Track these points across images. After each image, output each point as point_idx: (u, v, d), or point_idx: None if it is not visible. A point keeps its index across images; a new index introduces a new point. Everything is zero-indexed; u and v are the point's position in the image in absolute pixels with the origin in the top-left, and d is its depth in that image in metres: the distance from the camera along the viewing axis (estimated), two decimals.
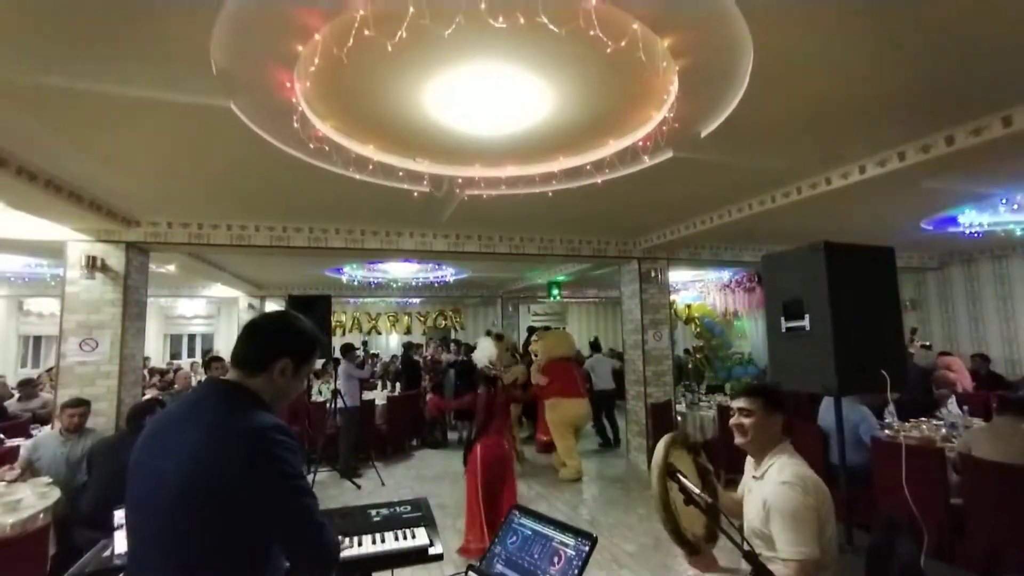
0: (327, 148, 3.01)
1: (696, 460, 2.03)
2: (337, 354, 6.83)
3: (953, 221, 5.66)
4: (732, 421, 1.90)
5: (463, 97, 2.59)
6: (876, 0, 1.86)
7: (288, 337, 1.31)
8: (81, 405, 3.73)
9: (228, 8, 1.82)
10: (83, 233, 4.55)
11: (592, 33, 1.89)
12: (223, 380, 1.26)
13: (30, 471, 3.49)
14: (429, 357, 8.50)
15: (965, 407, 4.64)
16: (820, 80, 2.45)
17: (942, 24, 2.01)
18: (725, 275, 10.15)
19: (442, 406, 4.21)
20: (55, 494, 3.09)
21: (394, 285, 10.57)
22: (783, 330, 2.56)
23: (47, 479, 3.31)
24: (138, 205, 4.44)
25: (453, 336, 14.18)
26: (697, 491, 1.73)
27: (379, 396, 7.93)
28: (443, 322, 14.89)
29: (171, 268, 7.37)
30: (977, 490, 3.16)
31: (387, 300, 13.70)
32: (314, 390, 7.55)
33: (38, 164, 3.35)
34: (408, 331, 14.84)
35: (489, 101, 2.64)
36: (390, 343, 15.18)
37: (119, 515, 1.80)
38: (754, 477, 1.86)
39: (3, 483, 3.24)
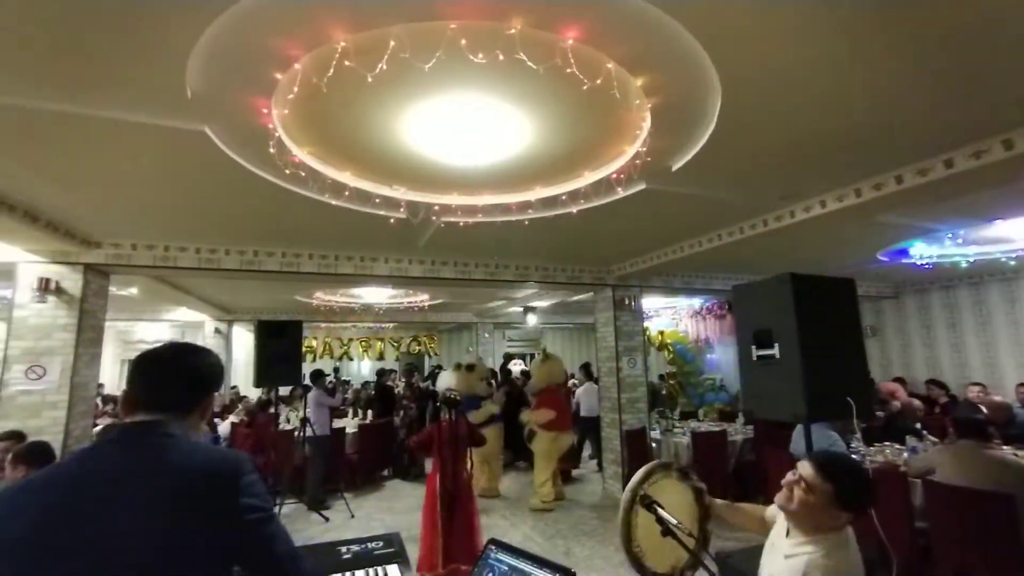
0: (303, 173, 3.00)
1: (687, 482, 2.00)
2: (307, 381, 6.64)
3: (905, 253, 5.98)
4: (787, 479, 1.58)
5: (442, 127, 2.63)
6: (830, 50, 2.00)
7: (217, 373, 1.24)
8: (7, 440, 3.26)
9: (207, 34, 1.82)
10: (36, 254, 4.34)
11: (568, 71, 1.96)
12: (147, 422, 1.10)
13: None
14: (400, 391, 8.31)
15: (925, 431, 4.81)
16: (783, 122, 2.60)
17: (893, 69, 2.16)
18: (696, 302, 10.39)
19: (418, 440, 4.12)
20: None
21: (367, 310, 10.42)
22: (754, 358, 2.62)
23: None
24: (99, 226, 4.29)
25: (433, 363, 13.98)
26: (670, 519, 1.73)
27: (350, 424, 7.70)
28: (417, 348, 14.68)
29: (133, 291, 7.09)
30: (943, 515, 3.24)
31: (359, 325, 13.46)
32: (282, 418, 7.28)
33: None
34: (381, 357, 14.57)
35: (467, 132, 2.69)
36: (362, 369, 14.85)
37: None
38: (779, 542, 1.61)
39: None
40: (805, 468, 1.55)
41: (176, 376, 1.17)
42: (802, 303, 2.37)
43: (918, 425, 5.08)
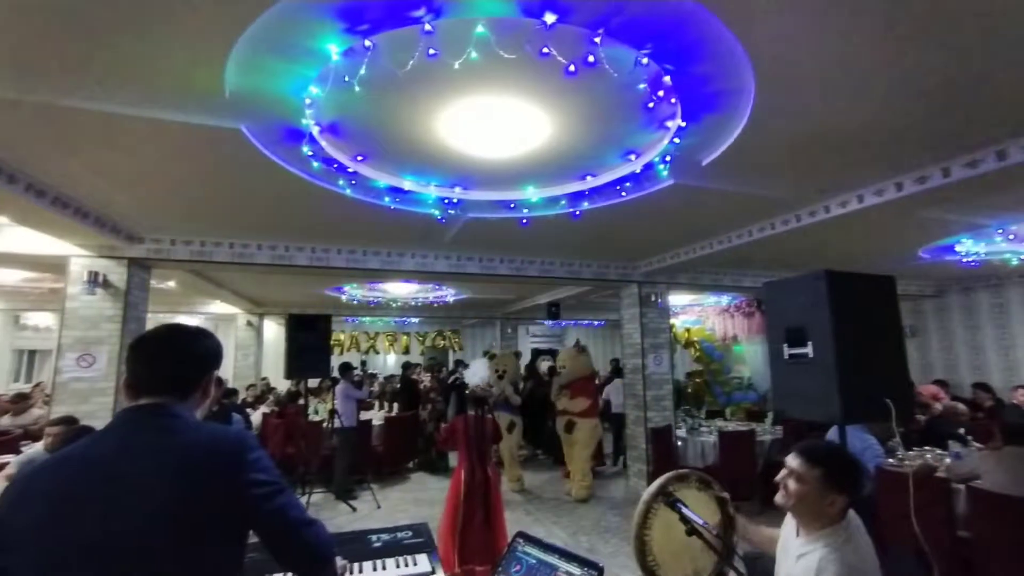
0: (334, 170, 3.06)
1: (709, 492, 1.97)
2: (335, 373, 6.78)
3: (950, 250, 5.72)
4: (779, 476, 1.62)
5: (471, 123, 2.64)
6: (875, 35, 1.92)
7: (214, 352, 1.25)
8: (60, 424, 3.48)
9: (245, 36, 1.87)
10: (86, 249, 4.56)
11: (599, 65, 1.95)
12: (151, 404, 1.11)
13: None
14: (426, 385, 8.39)
15: (969, 436, 4.61)
16: (820, 112, 2.52)
17: (939, 55, 2.07)
18: (724, 300, 10.19)
19: (444, 434, 4.09)
20: None
21: (393, 305, 10.56)
22: (786, 357, 2.56)
23: None
24: (142, 222, 4.47)
25: (455, 356, 14.11)
26: (696, 518, 1.70)
27: (376, 417, 7.84)
28: (441, 342, 14.81)
29: (171, 284, 7.36)
30: (988, 524, 3.11)
31: (385, 319, 13.66)
32: (310, 409, 7.47)
33: (47, 181, 3.38)
34: (406, 351, 14.76)
35: (496, 127, 2.70)
36: (388, 362, 15.08)
37: None
38: (793, 544, 1.61)
39: None
40: (792, 460, 1.59)
41: (173, 359, 1.17)
42: (838, 301, 2.30)
43: (961, 430, 4.87)
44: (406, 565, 1.79)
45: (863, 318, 2.35)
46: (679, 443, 6.32)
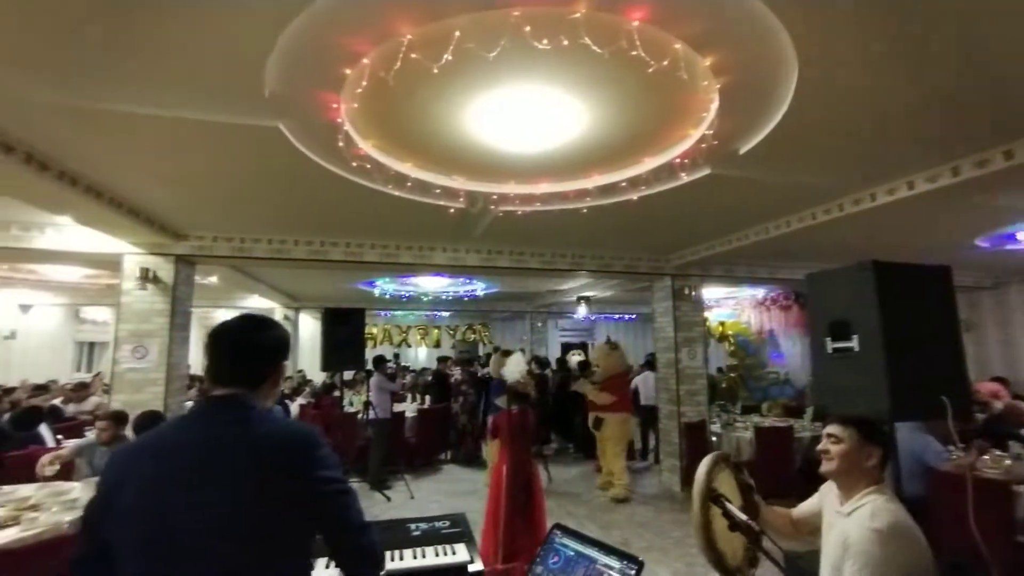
0: (368, 166, 3.10)
1: (738, 477, 1.97)
2: (369, 366, 6.93)
3: (1011, 238, 5.38)
4: (820, 446, 1.79)
5: (502, 116, 2.64)
6: (930, 9, 1.82)
7: (281, 343, 1.28)
8: (107, 419, 3.66)
9: (285, 35, 1.91)
10: (137, 246, 4.79)
11: (633, 53, 1.91)
12: (227, 396, 1.17)
13: (76, 471, 3.62)
14: (458, 379, 8.45)
15: None
16: (868, 93, 2.40)
17: (1005, 31, 1.94)
18: (760, 292, 9.90)
19: (490, 430, 4.11)
20: None
21: (424, 299, 10.70)
22: (829, 351, 2.47)
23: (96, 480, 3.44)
24: (186, 220, 4.66)
25: (482, 351, 14.21)
26: (744, 517, 1.68)
27: (409, 408, 7.98)
28: (472, 336, 14.94)
29: (213, 280, 7.66)
30: None
31: (417, 313, 13.87)
32: (345, 401, 7.66)
33: (103, 183, 3.57)
34: (437, 344, 14.95)
35: (528, 120, 2.69)
36: (419, 356, 15.32)
37: None
38: (838, 512, 1.71)
39: (60, 482, 3.40)
40: (829, 428, 1.78)
41: (244, 350, 1.22)
42: (886, 292, 2.20)
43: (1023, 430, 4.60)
44: (445, 554, 1.82)
45: (915, 310, 2.25)
46: (713, 438, 6.20)
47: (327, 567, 1.57)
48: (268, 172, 3.41)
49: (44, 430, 4.74)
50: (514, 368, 4.50)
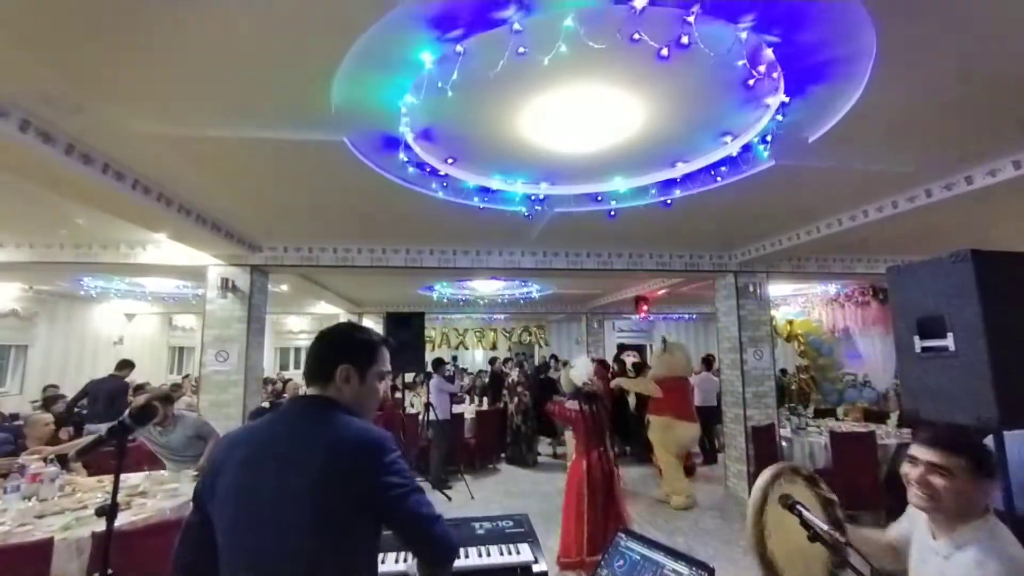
0: (427, 174, 3.20)
1: (815, 491, 1.85)
2: (429, 368, 7.12)
3: None
4: (916, 475, 1.43)
5: (559, 117, 2.64)
6: None
7: (341, 343, 1.35)
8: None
9: (350, 53, 2.02)
10: (219, 258, 5.21)
11: (694, 46, 1.86)
12: (312, 396, 1.29)
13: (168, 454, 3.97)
14: (513, 379, 8.52)
15: None
16: (963, 66, 2.17)
17: None
18: (832, 288, 9.26)
19: (559, 412, 4.17)
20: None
21: (480, 302, 10.86)
22: (917, 350, 2.28)
23: (194, 471, 3.73)
24: (260, 232, 5.00)
25: (539, 352, 14.22)
26: (825, 527, 1.57)
27: (468, 410, 8.12)
28: (527, 338, 15.00)
29: (284, 288, 8.16)
30: None
31: (473, 316, 14.10)
32: (406, 403, 7.91)
33: (191, 202, 3.93)
34: (494, 346, 15.13)
35: (584, 120, 2.67)
36: (476, 358, 15.56)
37: None
38: (931, 547, 1.46)
39: (160, 472, 3.75)
40: (927, 454, 1.41)
41: (327, 353, 1.32)
42: (988, 284, 1.99)
43: None
44: (509, 553, 1.84)
45: (1022, 304, 2.03)
46: (783, 443, 5.86)
47: (396, 562, 1.62)
48: (334, 184, 3.60)
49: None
50: (582, 371, 4.49)
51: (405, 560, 1.63)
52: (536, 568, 1.79)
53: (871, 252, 6.14)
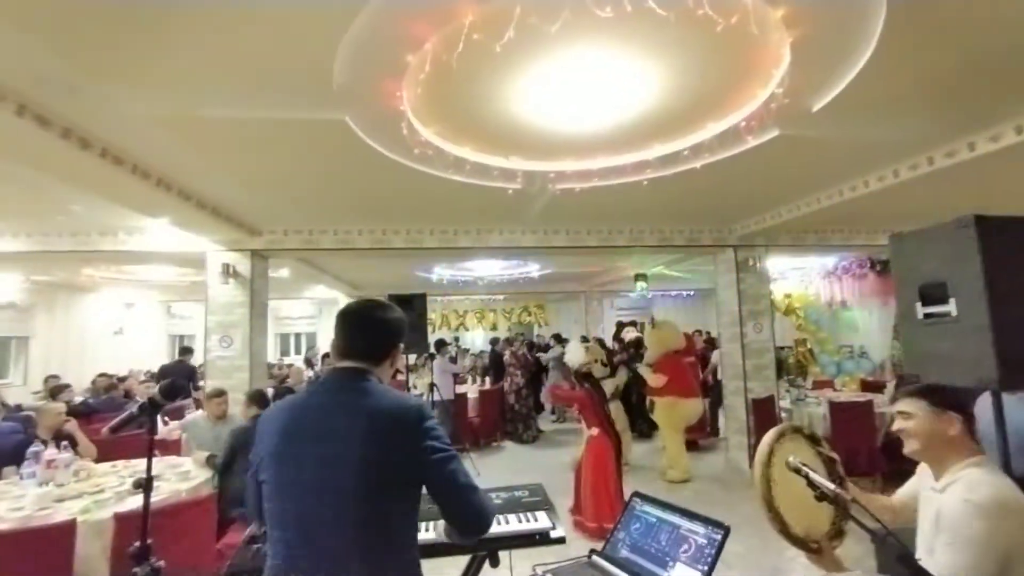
0: (429, 152, 3.18)
1: (817, 449, 1.89)
2: (432, 350, 7.17)
3: None
4: (894, 427, 1.68)
5: (562, 91, 2.62)
6: None
7: (397, 326, 1.42)
8: (223, 394, 4.26)
9: (353, 28, 1.98)
10: (219, 244, 5.18)
11: (701, 12, 1.84)
12: (352, 368, 1.32)
13: (184, 446, 4.06)
14: (519, 352, 8.60)
15: None
16: (974, 26, 2.16)
17: None
18: (829, 261, 9.32)
19: (563, 395, 4.64)
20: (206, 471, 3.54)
21: (480, 283, 10.87)
22: (919, 317, 2.32)
23: (206, 453, 3.79)
24: (260, 215, 4.97)
25: (537, 332, 14.30)
26: (831, 486, 1.62)
27: (471, 390, 8.21)
28: (527, 318, 15.07)
29: (284, 272, 8.14)
30: None
31: (473, 297, 14.13)
32: (410, 383, 7.98)
33: (191, 186, 3.88)
34: (494, 327, 15.20)
35: (588, 92, 2.65)
36: (476, 339, 15.64)
37: None
38: (933, 488, 1.61)
39: (173, 456, 3.84)
40: (896, 405, 1.65)
41: (369, 330, 1.38)
42: (991, 250, 2.02)
43: None
44: (527, 520, 1.89)
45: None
46: (783, 414, 5.97)
47: (425, 531, 1.67)
48: (335, 165, 3.57)
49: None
50: (573, 357, 4.77)
51: (433, 529, 1.68)
52: (554, 534, 1.84)
53: (871, 224, 6.16)
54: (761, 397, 5.96)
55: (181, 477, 3.30)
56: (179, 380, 2.11)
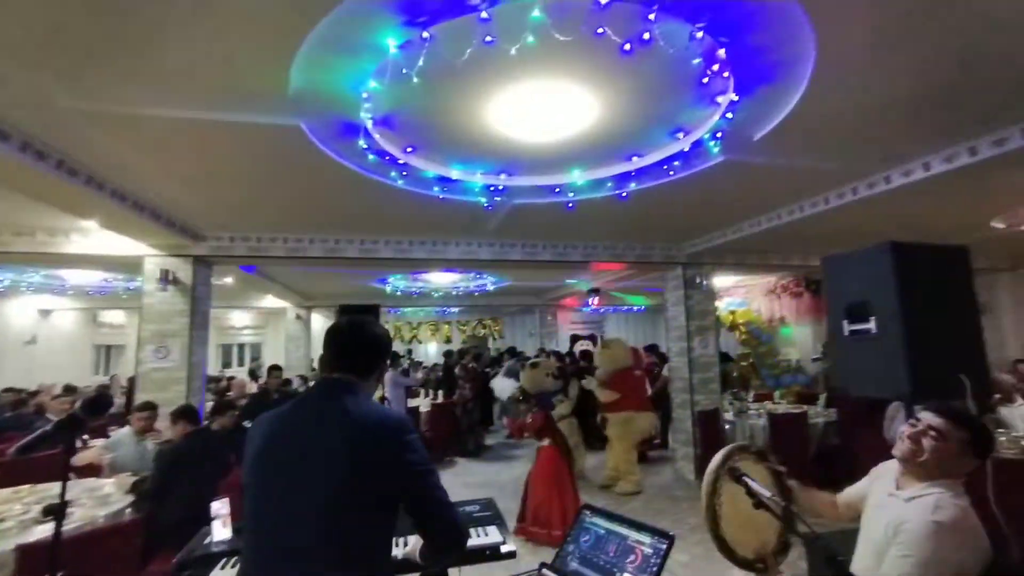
0: (386, 162, 3.15)
1: (766, 465, 1.98)
2: None
3: None
4: (911, 432, 1.56)
5: (522, 107, 2.67)
6: None
7: (388, 343, 1.49)
8: (148, 408, 3.95)
9: (312, 35, 1.96)
10: (158, 248, 4.88)
11: (653, 42, 1.94)
12: (338, 379, 1.36)
13: (111, 468, 3.73)
14: (469, 365, 8.55)
15: None
16: (884, 75, 2.40)
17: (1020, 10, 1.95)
18: (771, 280, 9.88)
19: (525, 427, 4.90)
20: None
21: (435, 295, 10.77)
22: (846, 333, 2.50)
23: (130, 475, 3.53)
24: (205, 220, 4.74)
25: (492, 344, 14.27)
26: (768, 494, 1.70)
27: (423, 404, 8.06)
28: (482, 331, 15.02)
29: (229, 280, 7.76)
30: None
31: (427, 309, 13.95)
32: None
33: (127, 187, 3.66)
34: (448, 340, 15.05)
35: (547, 111, 2.72)
36: (430, 351, 15.42)
37: (216, 507, 1.94)
38: (892, 494, 1.59)
39: (92, 479, 3.50)
40: (934, 419, 1.53)
41: (360, 345, 1.41)
42: (904, 273, 2.22)
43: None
44: (478, 536, 1.88)
45: (933, 291, 2.26)
46: (727, 426, 6.22)
47: (397, 545, 1.63)
48: (286, 171, 3.47)
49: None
50: (502, 390, 5.11)
51: (406, 544, 1.65)
52: (504, 549, 1.84)
53: (807, 245, 6.59)
54: (707, 410, 6.19)
55: (99, 502, 3.03)
56: (108, 393, 1.95)
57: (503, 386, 5.43)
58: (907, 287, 2.22)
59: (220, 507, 1.97)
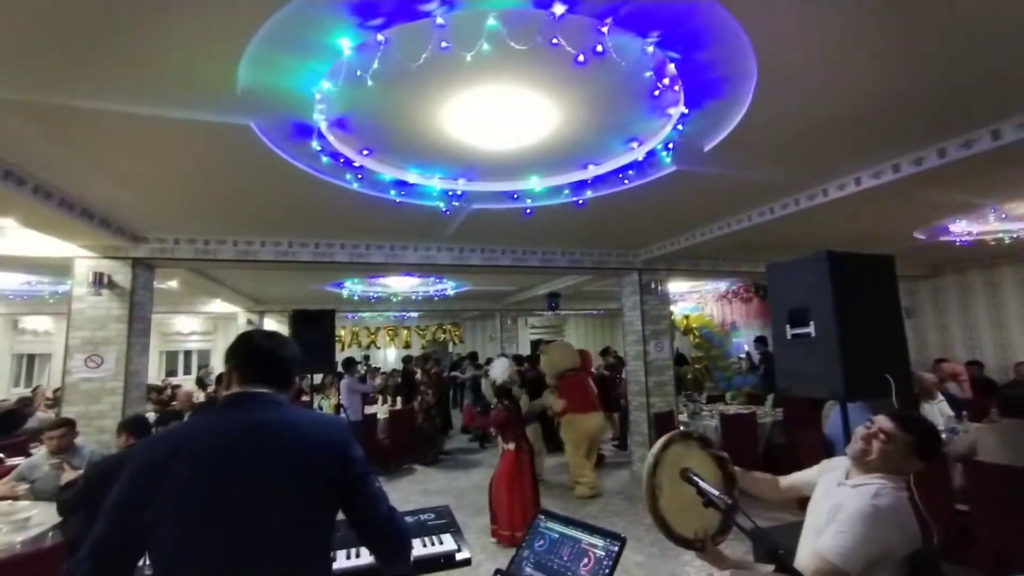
0: (341, 164, 3.09)
1: (708, 451, 2.04)
2: (339, 369, 6.83)
3: (945, 230, 5.80)
4: (864, 433, 1.66)
5: (479, 114, 2.68)
6: (871, 21, 1.97)
7: (297, 360, 1.45)
8: (62, 427, 3.54)
9: (261, 32, 1.90)
10: (90, 250, 4.57)
11: (606, 54, 1.99)
12: (263, 391, 1.31)
13: (32, 492, 3.39)
14: (431, 371, 8.43)
15: (964, 412, 4.70)
16: (820, 96, 2.57)
17: (936, 38, 2.12)
18: (722, 286, 10.28)
19: (478, 421, 4.83)
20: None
21: (394, 299, 10.59)
22: (789, 337, 2.63)
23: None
24: (147, 221, 4.48)
25: (452, 349, 14.16)
26: (716, 493, 1.76)
27: (381, 410, 7.90)
28: (442, 336, 14.88)
29: (173, 284, 7.37)
30: (987, 495, 3.20)
31: (386, 314, 13.70)
32: (315, 405, 7.51)
33: (54, 183, 3.40)
34: (407, 345, 14.82)
35: (503, 118, 2.73)
36: (388, 357, 15.14)
37: None
38: (841, 484, 1.67)
39: (8, 502, 3.19)
40: (885, 423, 1.64)
41: (281, 359, 1.37)
42: (839, 281, 2.36)
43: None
44: (432, 544, 1.86)
45: (864, 297, 2.41)
46: (681, 427, 6.40)
47: (348, 558, 1.60)
48: (235, 172, 3.33)
49: None
50: (500, 370, 4.97)
51: (357, 556, 1.61)
52: (459, 556, 1.82)
53: (755, 252, 6.90)
54: (663, 412, 6.36)
55: (16, 527, 2.77)
56: (21, 408, 1.77)
57: (501, 367, 5.41)
58: (841, 293, 2.36)
59: None
